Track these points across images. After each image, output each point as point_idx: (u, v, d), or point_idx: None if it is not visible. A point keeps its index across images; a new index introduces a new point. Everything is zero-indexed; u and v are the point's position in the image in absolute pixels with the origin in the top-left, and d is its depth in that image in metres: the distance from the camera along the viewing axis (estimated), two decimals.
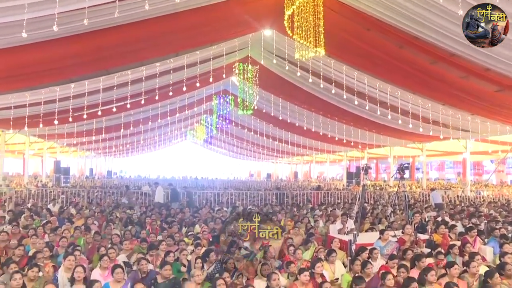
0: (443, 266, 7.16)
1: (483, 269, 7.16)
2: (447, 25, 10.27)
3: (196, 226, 11.94)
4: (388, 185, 30.66)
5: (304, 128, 23.46)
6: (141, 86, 15.09)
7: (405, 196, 11.82)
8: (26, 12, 8.47)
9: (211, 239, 10.10)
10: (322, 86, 15.09)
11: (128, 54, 13.68)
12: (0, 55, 10.78)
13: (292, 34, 10.69)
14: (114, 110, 16.18)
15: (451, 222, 11.86)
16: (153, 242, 9.24)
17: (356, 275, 6.78)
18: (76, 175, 36.99)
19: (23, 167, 33.88)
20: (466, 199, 21.90)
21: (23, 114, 15.89)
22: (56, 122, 15.77)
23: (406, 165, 11.71)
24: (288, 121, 22.59)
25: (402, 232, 9.74)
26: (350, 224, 10.84)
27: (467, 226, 10.78)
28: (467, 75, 13.22)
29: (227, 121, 28.52)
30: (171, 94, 16.09)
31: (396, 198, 14.21)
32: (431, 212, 15.01)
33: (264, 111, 23.36)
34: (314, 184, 37.10)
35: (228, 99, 22.95)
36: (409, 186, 29.32)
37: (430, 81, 14.15)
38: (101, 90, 14.69)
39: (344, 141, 26.11)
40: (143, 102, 16.28)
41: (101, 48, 12.51)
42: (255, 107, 21.08)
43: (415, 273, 6.89)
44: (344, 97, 15.72)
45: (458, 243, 9.01)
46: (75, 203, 17.30)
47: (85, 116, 16.37)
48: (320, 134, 24.47)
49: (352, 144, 27.01)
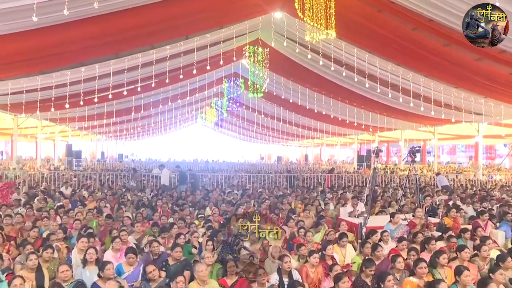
0: (454, 250, 7.15)
1: (494, 253, 7.16)
2: (462, 6, 10.07)
3: (207, 208, 12.04)
4: (399, 168, 30.54)
5: (315, 111, 23.35)
6: (151, 69, 15.07)
7: (416, 179, 11.81)
8: None
9: (222, 222, 10.19)
10: (333, 68, 14.95)
11: (138, 37, 13.63)
12: (11, 40, 10.79)
13: (302, 16, 10.57)
14: (125, 93, 16.27)
15: (461, 206, 11.81)
16: (164, 224, 9.32)
17: (366, 257, 6.80)
18: (87, 159, 37.31)
19: (35, 150, 34.21)
20: (478, 183, 21.76)
21: (34, 98, 16.03)
22: (67, 106, 15.92)
23: (418, 148, 11.59)
24: (299, 103, 22.44)
25: (413, 216, 9.73)
26: (361, 207, 10.84)
27: (479, 210, 10.75)
28: (481, 57, 13.01)
29: (238, 104, 28.52)
30: (181, 77, 16.05)
31: (407, 181, 14.17)
32: (442, 196, 14.96)
33: (274, 93, 23.28)
34: (325, 167, 37.07)
35: (238, 82, 22.88)
36: (420, 169, 29.17)
37: (443, 63, 13.95)
38: (111, 73, 14.76)
39: (355, 124, 25.99)
40: (153, 85, 16.29)
41: (111, 32, 12.47)
42: (266, 90, 20.98)
43: (425, 256, 6.89)
44: (355, 79, 15.62)
45: (470, 227, 8.99)
46: (87, 186, 17.47)
47: (96, 100, 16.43)
48: (331, 117, 24.31)
49: (363, 127, 26.85)
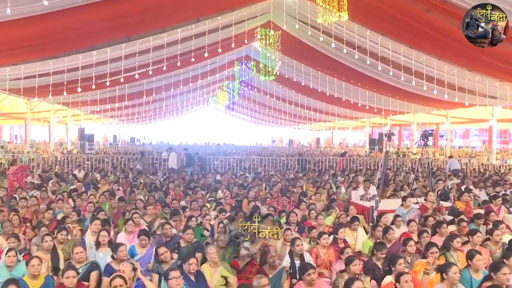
0: (466, 234, 7.13)
1: (507, 237, 7.14)
2: None
3: (219, 191, 12.11)
4: (411, 152, 30.35)
5: (327, 94, 23.20)
6: (163, 52, 15.06)
7: (428, 163, 11.73)
8: None
9: (233, 204, 10.26)
10: (345, 51, 14.80)
11: (149, 21, 13.60)
12: (22, 25, 10.82)
13: None
14: (137, 77, 16.28)
15: (474, 190, 11.74)
16: (176, 207, 9.40)
17: (378, 241, 6.82)
18: (100, 142, 37.58)
19: (48, 134, 34.47)
20: (491, 167, 21.57)
21: (47, 82, 16.10)
22: (79, 90, 15.98)
23: (430, 132, 11.49)
24: (311, 86, 22.31)
25: (425, 199, 9.71)
26: (372, 190, 10.84)
27: (491, 195, 10.67)
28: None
29: (249, 87, 28.42)
30: (193, 60, 16.01)
31: (419, 165, 14.08)
32: (455, 180, 14.88)
33: (286, 76, 23.14)
34: (336, 150, 36.98)
35: (250, 65, 22.76)
36: (432, 153, 28.96)
37: (457, 46, 13.72)
38: (123, 57, 14.75)
39: (367, 107, 25.79)
40: (165, 68, 16.32)
41: (122, 15, 12.46)
42: (277, 73, 20.88)
43: (436, 239, 6.89)
44: (368, 62, 15.46)
45: (483, 212, 8.95)
46: (99, 169, 17.63)
47: (108, 84, 16.46)
48: (343, 100, 24.15)
49: (375, 110, 26.64)
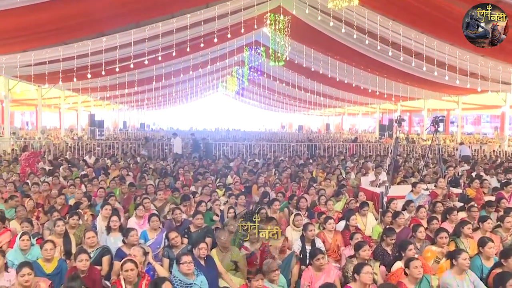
0: (476, 221, 7.10)
1: None
2: None
3: (228, 177, 12.15)
4: (421, 138, 30.19)
5: (337, 79, 23.06)
6: (172, 38, 15.03)
7: (438, 149, 11.65)
8: None
9: (242, 190, 10.29)
10: (355, 36, 14.69)
11: (158, 6, 13.56)
12: (32, 11, 10.84)
13: None
14: (146, 63, 16.29)
15: (485, 177, 11.66)
16: (186, 193, 9.44)
17: (387, 226, 6.82)
18: (110, 128, 37.77)
19: (59, 120, 34.71)
20: (503, 154, 21.38)
21: (57, 69, 16.15)
22: (89, 76, 16.02)
23: (441, 118, 11.40)
24: (320, 72, 22.21)
25: (435, 186, 9.66)
26: (382, 176, 10.80)
27: (503, 181, 10.59)
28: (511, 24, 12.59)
29: (259, 72, 28.33)
30: (202, 46, 15.98)
31: (430, 151, 14.01)
32: (465, 166, 14.79)
33: (296, 62, 23.02)
34: (346, 136, 36.87)
35: (259, 51, 22.67)
36: (443, 140, 28.77)
37: None
38: (132, 43, 14.74)
39: (377, 93, 25.61)
40: (174, 54, 16.29)
41: (131, 1, 12.43)
42: (287, 58, 20.78)
43: (446, 226, 6.87)
44: (378, 48, 15.34)
45: (493, 199, 8.89)
46: (110, 155, 17.74)
47: (117, 70, 16.52)
48: (353, 85, 24.02)
49: (385, 96, 26.49)
